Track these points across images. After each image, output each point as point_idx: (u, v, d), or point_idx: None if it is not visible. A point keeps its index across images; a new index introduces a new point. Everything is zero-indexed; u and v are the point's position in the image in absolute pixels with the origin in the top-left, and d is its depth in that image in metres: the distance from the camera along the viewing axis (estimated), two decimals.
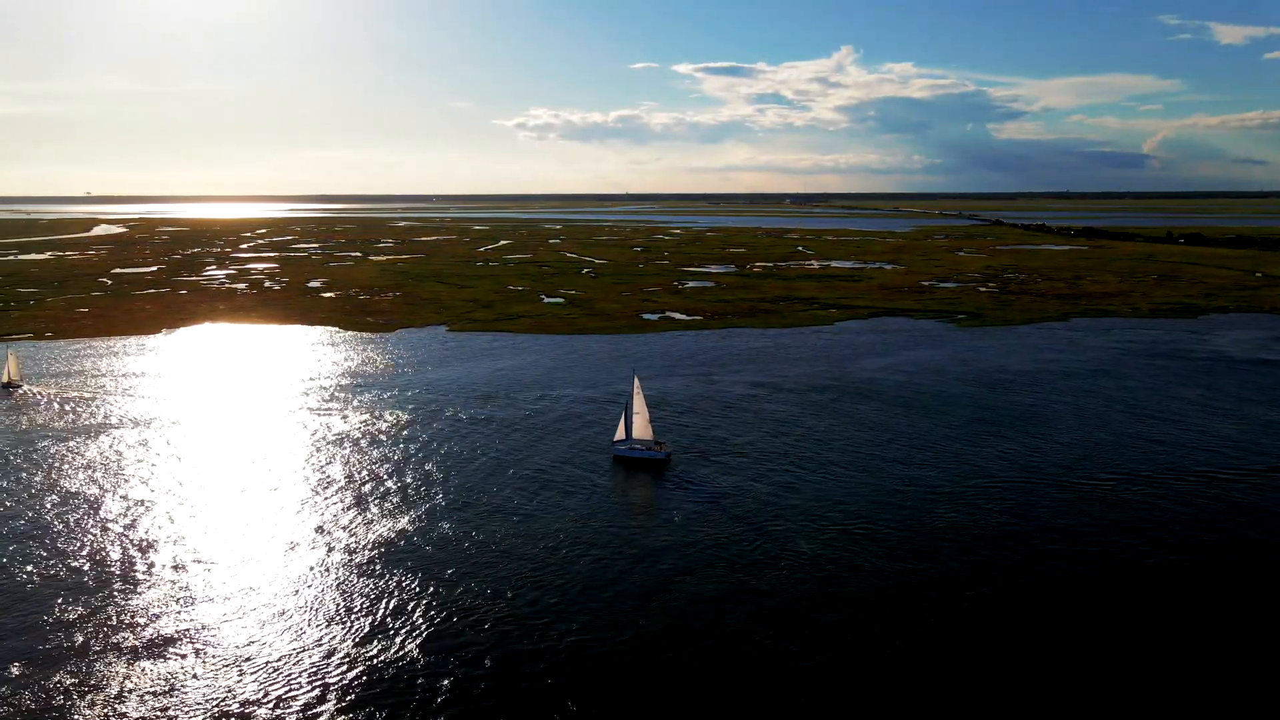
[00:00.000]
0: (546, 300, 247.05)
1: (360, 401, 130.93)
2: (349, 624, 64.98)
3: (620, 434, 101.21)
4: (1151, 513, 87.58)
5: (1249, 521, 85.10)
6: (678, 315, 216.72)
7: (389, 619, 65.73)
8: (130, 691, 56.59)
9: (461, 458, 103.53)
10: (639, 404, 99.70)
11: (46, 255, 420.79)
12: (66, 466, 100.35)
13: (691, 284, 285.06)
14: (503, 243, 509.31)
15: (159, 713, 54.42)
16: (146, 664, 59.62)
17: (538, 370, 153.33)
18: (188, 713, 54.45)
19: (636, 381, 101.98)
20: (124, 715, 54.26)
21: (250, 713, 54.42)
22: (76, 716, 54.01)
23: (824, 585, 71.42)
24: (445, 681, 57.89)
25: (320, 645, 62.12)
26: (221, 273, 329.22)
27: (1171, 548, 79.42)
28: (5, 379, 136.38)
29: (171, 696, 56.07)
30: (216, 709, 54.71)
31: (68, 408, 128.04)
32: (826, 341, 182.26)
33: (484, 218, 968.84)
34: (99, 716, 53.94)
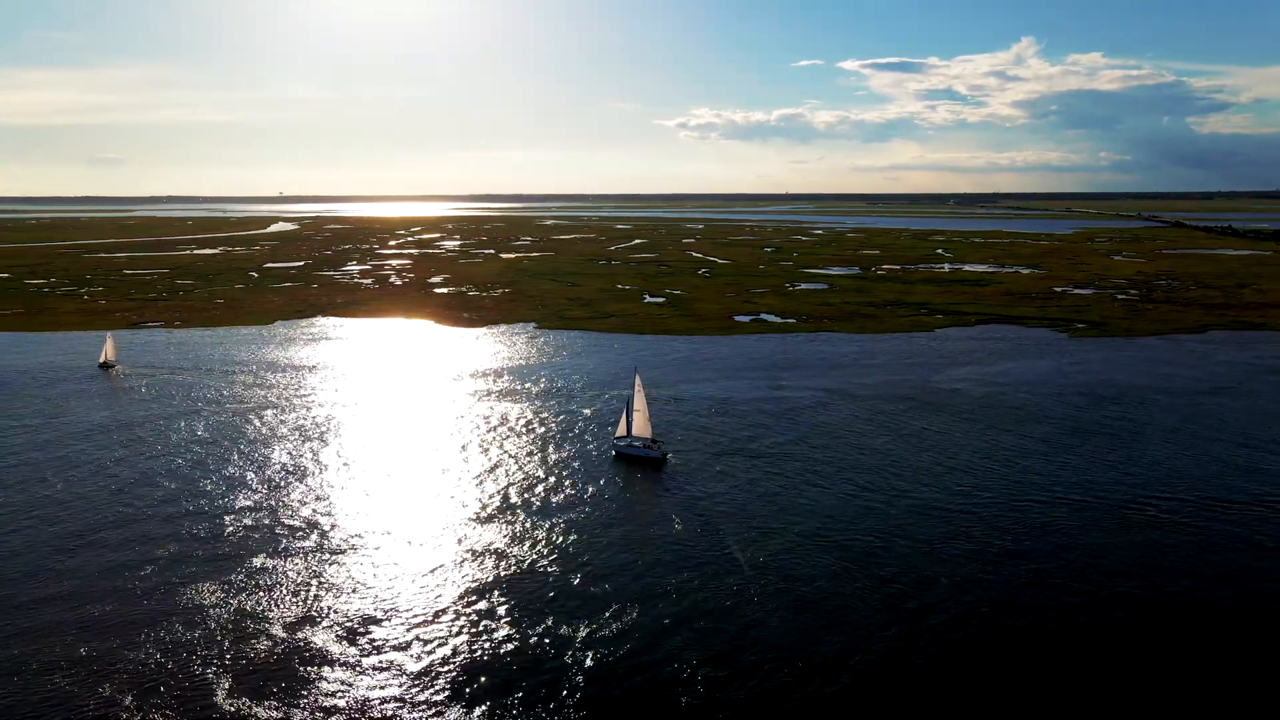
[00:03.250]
0: (647, 300, 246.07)
1: (389, 394, 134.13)
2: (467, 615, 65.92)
3: (621, 430, 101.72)
4: (1207, 550, 76.89)
5: None
6: (771, 318, 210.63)
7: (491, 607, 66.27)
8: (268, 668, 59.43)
9: (455, 456, 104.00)
10: (639, 402, 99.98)
11: (217, 250, 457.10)
12: (128, 435, 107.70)
13: (804, 286, 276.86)
14: (636, 242, 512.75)
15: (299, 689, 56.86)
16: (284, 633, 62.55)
17: (591, 368, 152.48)
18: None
19: (638, 379, 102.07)
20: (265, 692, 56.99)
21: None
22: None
23: (798, 610, 66.51)
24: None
25: (447, 632, 63.30)
26: (358, 268, 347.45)
27: (1221, 587, 69.26)
28: (104, 359, 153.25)
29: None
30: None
31: (146, 386, 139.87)
32: (919, 349, 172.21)
33: (631, 217, 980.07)
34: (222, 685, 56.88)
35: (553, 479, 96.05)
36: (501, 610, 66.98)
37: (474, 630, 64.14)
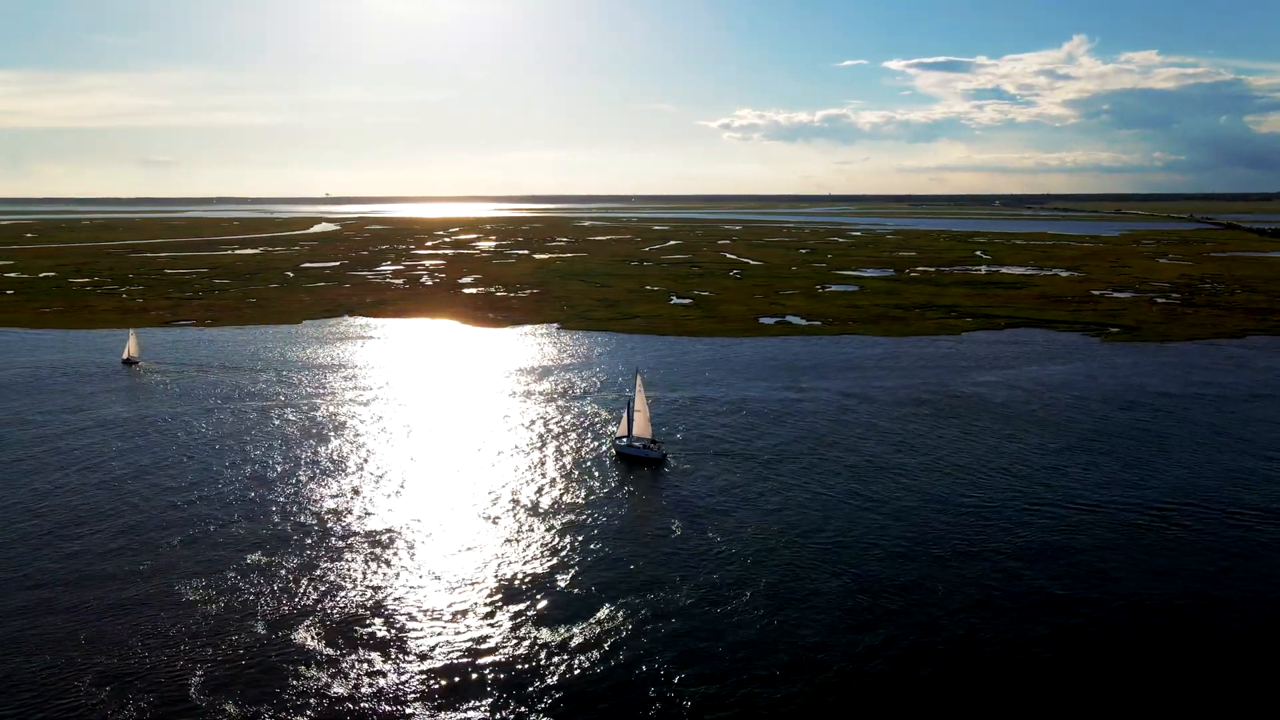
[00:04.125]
0: (674, 301, 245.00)
1: (399, 393, 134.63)
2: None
3: (622, 430, 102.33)
4: (1224, 568, 74.00)
5: None
6: (797, 320, 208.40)
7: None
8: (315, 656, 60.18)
9: (458, 453, 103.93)
10: (640, 402, 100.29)
11: (258, 250, 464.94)
12: (136, 428, 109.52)
13: (834, 288, 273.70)
14: (671, 243, 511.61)
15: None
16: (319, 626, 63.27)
17: (604, 368, 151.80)
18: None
19: (639, 380, 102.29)
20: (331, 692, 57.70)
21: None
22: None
23: (777, 611, 65.17)
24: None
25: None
26: (391, 268, 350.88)
27: (1236, 608, 66.53)
28: (126, 356, 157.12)
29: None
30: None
31: (163, 381, 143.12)
32: (944, 352, 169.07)
33: (669, 218, 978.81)
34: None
35: (553, 477, 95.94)
36: (495, 608, 66.60)
37: (465, 627, 63.80)
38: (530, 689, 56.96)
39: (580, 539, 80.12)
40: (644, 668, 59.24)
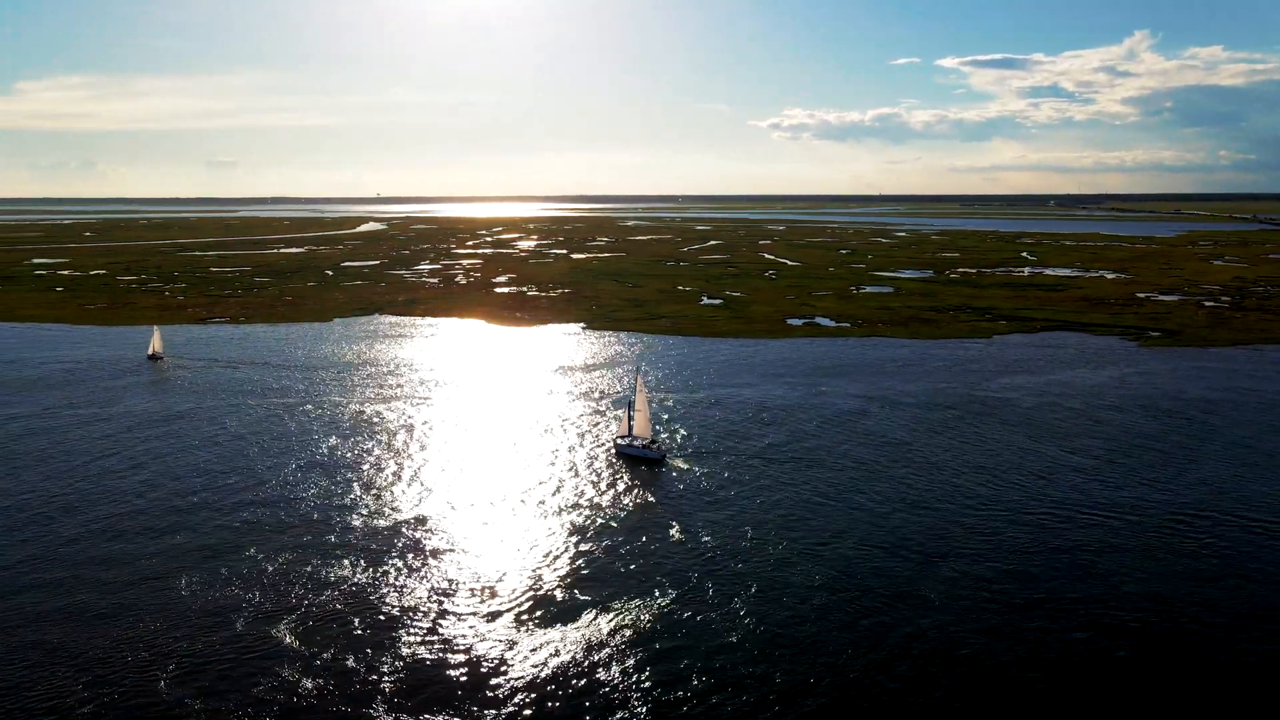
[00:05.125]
0: (704, 302, 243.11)
1: (410, 392, 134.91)
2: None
3: (623, 429, 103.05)
4: (1247, 587, 70.48)
5: None
6: (825, 321, 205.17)
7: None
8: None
9: (460, 451, 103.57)
10: (640, 402, 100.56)
11: (303, 249, 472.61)
12: (157, 419, 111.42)
13: (869, 289, 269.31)
14: (711, 243, 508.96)
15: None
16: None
17: (618, 368, 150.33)
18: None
19: (639, 381, 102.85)
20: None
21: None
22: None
23: (775, 625, 63.44)
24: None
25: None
26: (428, 267, 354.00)
27: (1255, 627, 63.23)
28: (151, 351, 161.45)
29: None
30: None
31: (184, 376, 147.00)
32: (973, 355, 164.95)
33: (713, 218, 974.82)
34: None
35: (552, 476, 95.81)
36: (488, 606, 66.26)
37: (456, 622, 63.40)
38: (521, 687, 56.30)
39: (577, 538, 79.35)
40: (630, 667, 58.08)
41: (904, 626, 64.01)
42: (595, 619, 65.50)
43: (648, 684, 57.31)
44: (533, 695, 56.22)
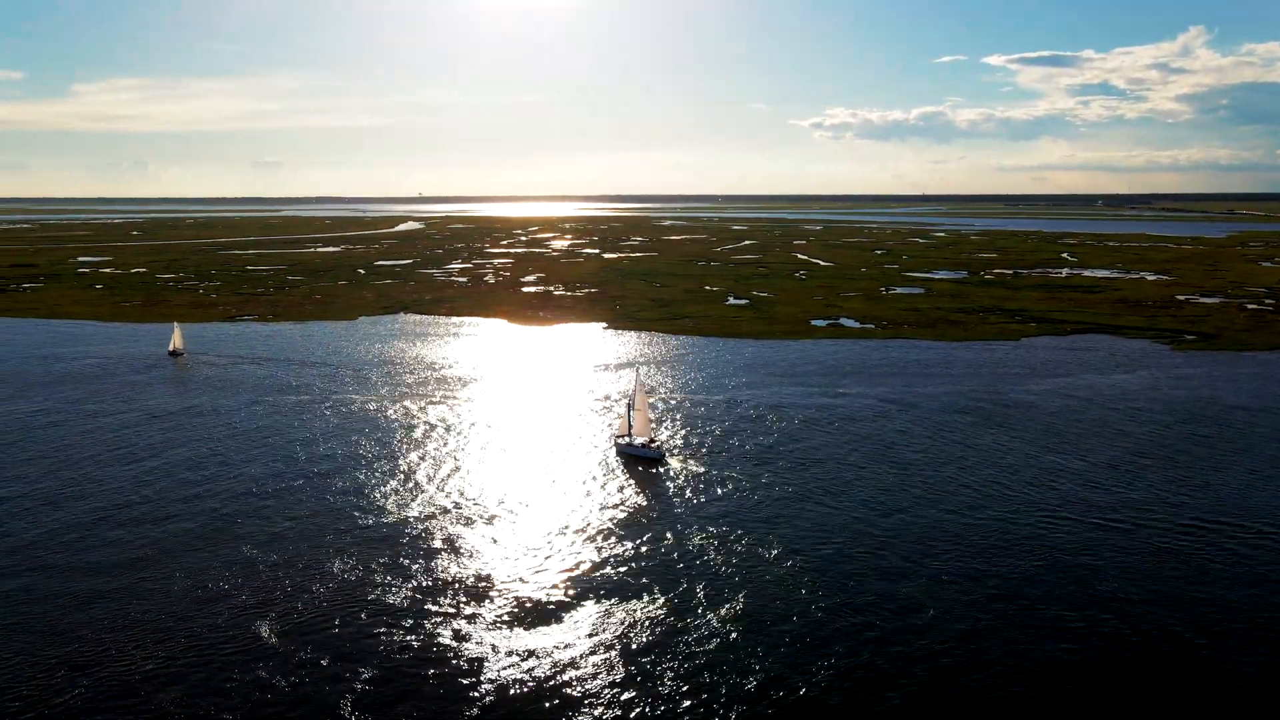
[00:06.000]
0: (730, 302, 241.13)
1: (421, 391, 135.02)
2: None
3: (623, 429, 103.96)
4: (1268, 603, 67.58)
5: None
6: (850, 323, 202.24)
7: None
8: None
9: (461, 450, 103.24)
10: (640, 402, 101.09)
11: (339, 248, 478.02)
12: (168, 414, 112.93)
13: (900, 290, 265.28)
14: (745, 243, 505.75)
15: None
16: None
17: (629, 369, 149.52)
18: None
19: (639, 381, 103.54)
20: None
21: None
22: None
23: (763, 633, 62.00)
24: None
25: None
26: (459, 266, 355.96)
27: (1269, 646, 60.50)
28: (172, 348, 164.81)
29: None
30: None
31: (201, 372, 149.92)
32: (998, 358, 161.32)
33: (750, 218, 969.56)
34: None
35: (552, 475, 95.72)
36: (482, 604, 65.58)
37: (453, 621, 62.92)
38: (519, 684, 55.91)
39: (569, 537, 78.90)
40: (622, 665, 57.10)
41: (904, 626, 62.20)
42: (587, 617, 64.62)
43: (645, 682, 56.36)
44: (531, 693, 55.78)
